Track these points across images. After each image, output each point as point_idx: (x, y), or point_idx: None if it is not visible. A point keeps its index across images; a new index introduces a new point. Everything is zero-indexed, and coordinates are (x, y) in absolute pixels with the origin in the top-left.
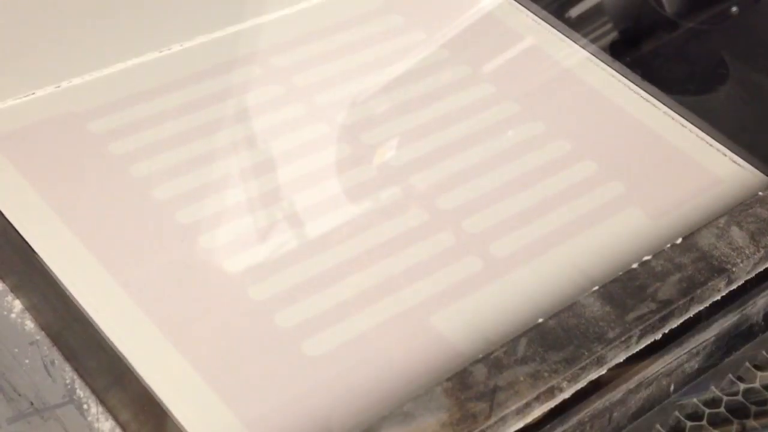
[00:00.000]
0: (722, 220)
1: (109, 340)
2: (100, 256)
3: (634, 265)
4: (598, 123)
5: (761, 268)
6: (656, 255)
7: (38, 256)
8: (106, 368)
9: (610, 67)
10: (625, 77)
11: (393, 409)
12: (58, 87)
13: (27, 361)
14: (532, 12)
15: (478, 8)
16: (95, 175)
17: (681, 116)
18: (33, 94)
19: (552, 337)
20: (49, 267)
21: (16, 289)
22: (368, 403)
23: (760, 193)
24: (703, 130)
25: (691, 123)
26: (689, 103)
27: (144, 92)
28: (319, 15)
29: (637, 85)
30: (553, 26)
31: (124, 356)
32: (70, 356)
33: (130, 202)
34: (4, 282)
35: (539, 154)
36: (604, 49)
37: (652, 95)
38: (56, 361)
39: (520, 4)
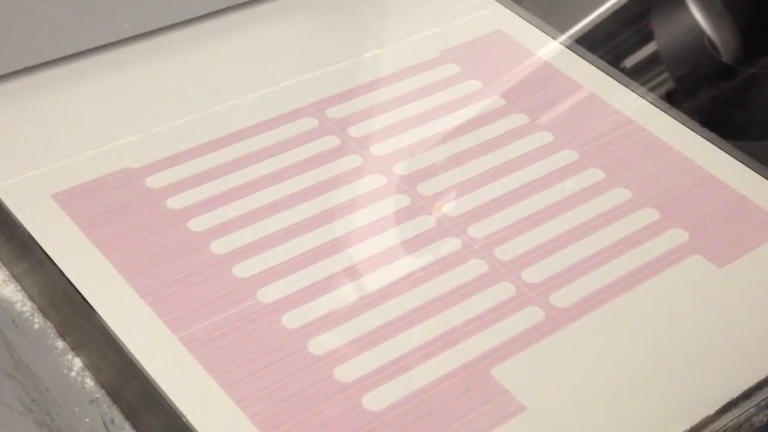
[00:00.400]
0: None
1: (168, 398)
2: (160, 312)
3: None
4: (657, 170)
5: None
6: None
7: (98, 314)
8: (166, 427)
9: (668, 114)
10: (684, 124)
11: None
12: (114, 143)
13: (87, 419)
14: (589, 62)
15: (535, 58)
16: (154, 230)
17: (742, 162)
18: (89, 151)
19: None
20: (109, 325)
21: (76, 348)
22: None
23: None
24: (764, 176)
25: (752, 168)
26: (750, 149)
27: (199, 147)
28: (373, 67)
29: (696, 132)
30: (610, 75)
31: (183, 414)
32: (129, 414)
33: (190, 258)
34: (64, 340)
35: (599, 203)
36: (662, 96)
37: (711, 142)
38: (116, 420)
39: (576, 54)
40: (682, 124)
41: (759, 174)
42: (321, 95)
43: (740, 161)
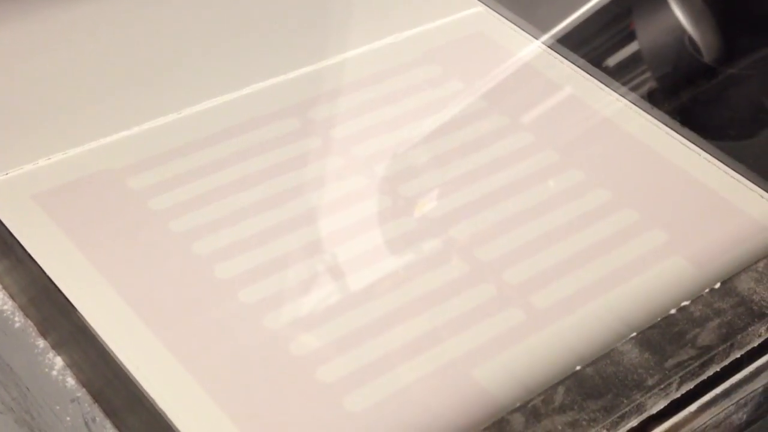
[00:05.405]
0: (761, 264)
1: (149, 396)
2: (141, 312)
3: (672, 311)
4: (638, 170)
5: None
6: (694, 300)
7: (79, 313)
8: (147, 425)
9: (649, 114)
10: (665, 124)
11: None
12: (95, 143)
13: (68, 418)
14: (570, 62)
15: (516, 59)
16: (135, 230)
17: (722, 162)
18: (70, 151)
19: (590, 384)
20: (90, 324)
21: (57, 347)
22: None
23: None
24: (744, 175)
25: (732, 168)
26: (730, 149)
27: (180, 147)
28: (355, 67)
29: (676, 131)
30: (591, 75)
31: (164, 413)
32: (110, 413)
33: (170, 258)
34: (45, 339)
35: (580, 203)
36: (642, 96)
37: (691, 141)
38: (97, 419)
39: (557, 53)
40: (663, 124)
41: (739, 174)
42: (303, 96)
43: (721, 162)
